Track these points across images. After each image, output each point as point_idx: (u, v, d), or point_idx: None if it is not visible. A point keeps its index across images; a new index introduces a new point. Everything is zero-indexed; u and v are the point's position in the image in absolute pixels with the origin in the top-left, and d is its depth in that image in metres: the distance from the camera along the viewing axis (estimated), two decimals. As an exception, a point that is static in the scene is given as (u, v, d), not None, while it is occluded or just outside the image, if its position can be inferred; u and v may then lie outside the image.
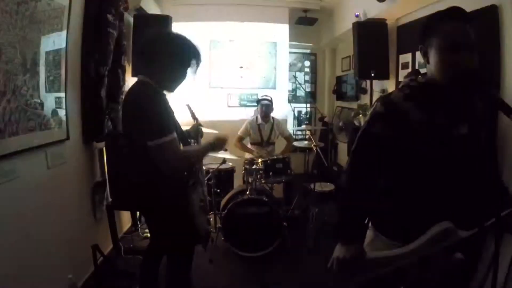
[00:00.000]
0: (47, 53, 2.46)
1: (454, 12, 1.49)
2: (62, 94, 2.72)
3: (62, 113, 2.71)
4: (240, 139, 5.12)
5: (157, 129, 1.93)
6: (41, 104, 2.41)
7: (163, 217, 2.19)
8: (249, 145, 5.18)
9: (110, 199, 3.58)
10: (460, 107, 1.55)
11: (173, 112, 2.13)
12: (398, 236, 1.61)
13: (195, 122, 3.08)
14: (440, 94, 1.53)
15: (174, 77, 2.15)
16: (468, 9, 3.00)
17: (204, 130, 4.80)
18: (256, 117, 5.11)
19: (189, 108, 3.36)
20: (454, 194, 1.54)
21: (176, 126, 2.19)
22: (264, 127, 5.08)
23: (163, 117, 1.99)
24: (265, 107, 4.98)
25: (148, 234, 4.18)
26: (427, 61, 1.56)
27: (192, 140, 2.71)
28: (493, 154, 1.83)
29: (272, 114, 5.15)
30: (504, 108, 1.44)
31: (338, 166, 6.42)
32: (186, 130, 2.72)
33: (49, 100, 2.52)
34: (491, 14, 2.80)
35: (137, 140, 2.01)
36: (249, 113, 5.66)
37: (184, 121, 2.99)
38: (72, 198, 2.93)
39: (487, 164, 1.57)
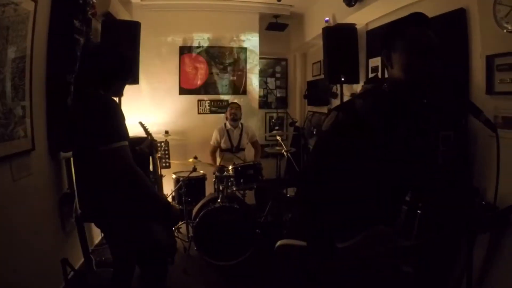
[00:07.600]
0: (12, 60, 2.36)
1: (419, 18, 1.55)
2: (27, 103, 2.59)
3: (27, 122, 2.59)
4: (214, 150, 5.15)
5: (113, 134, 2.04)
6: (6, 113, 2.29)
7: (113, 227, 2.27)
8: (218, 153, 5.20)
9: (79, 211, 3.44)
10: (424, 117, 1.57)
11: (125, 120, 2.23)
12: None
13: (149, 138, 3.38)
14: (405, 103, 1.55)
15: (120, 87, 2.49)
16: (437, 12, 3.11)
17: (172, 138, 4.75)
18: (225, 124, 5.10)
19: (142, 125, 3.59)
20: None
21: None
22: (233, 132, 5.10)
23: (121, 123, 2.12)
24: (234, 109, 5.06)
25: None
26: (391, 66, 1.58)
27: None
28: (462, 160, 1.86)
29: (242, 120, 5.17)
30: (472, 109, 1.47)
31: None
32: (139, 147, 3.01)
33: (14, 109, 2.39)
34: (459, 17, 2.87)
35: (89, 145, 2.08)
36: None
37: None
38: (39, 211, 2.81)
39: (456, 173, 1.60)
